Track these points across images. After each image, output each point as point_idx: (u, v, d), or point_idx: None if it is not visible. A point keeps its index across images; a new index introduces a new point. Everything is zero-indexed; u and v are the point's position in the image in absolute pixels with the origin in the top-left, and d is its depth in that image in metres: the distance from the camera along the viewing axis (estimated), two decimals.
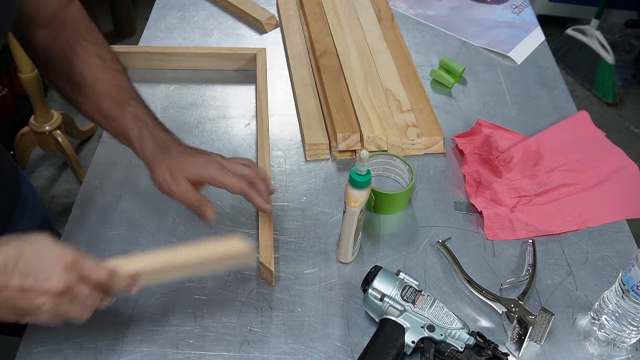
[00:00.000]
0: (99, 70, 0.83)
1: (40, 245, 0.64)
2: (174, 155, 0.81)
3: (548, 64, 1.33)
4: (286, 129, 1.13)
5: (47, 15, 0.83)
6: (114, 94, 0.82)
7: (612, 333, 0.83)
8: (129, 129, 0.81)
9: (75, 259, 0.65)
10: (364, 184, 0.81)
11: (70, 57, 0.83)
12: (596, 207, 1.01)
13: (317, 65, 1.22)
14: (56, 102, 2.59)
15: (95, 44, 0.85)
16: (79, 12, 0.87)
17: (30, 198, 0.99)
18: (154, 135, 0.82)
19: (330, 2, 1.38)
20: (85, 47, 0.84)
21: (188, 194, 0.79)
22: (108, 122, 0.83)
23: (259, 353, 0.80)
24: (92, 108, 0.83)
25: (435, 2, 1.50)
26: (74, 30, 0.84)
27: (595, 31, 2.74)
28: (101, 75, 0.83)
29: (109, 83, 0.83)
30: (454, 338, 0.78)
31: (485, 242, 0.96)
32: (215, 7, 1.43)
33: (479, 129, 1.12)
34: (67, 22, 0.84)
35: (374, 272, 0.81)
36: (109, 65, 0.85)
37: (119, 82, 0.84)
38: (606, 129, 1.17)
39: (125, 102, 0.82)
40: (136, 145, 0.82)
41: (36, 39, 0.84)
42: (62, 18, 0.84)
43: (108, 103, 0.82)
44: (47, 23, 0.84)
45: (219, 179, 0.80)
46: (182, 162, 0.80)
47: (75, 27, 0.85)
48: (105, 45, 0.87)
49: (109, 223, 0.95)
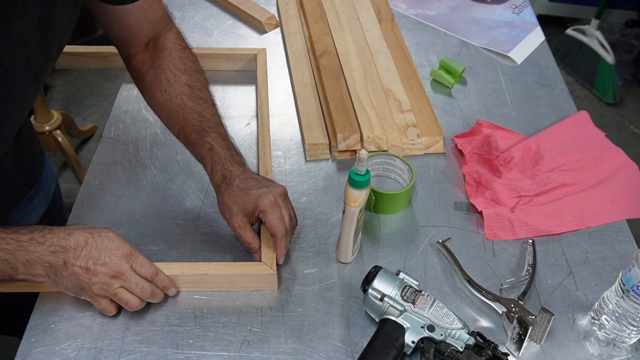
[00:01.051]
0: (185, 97, 0.91)
1: (106, 236, 0.78)
2: (234, 190, 0.86)
3: (548, 64, 1.33)
4: (286, 129, 1.13)
5: (143, 42, 0.92)
6: (196, 122, 0.90)
7: (612, 333, 0.83)
8: (204, 158, 0.89)
9: (131, 252, 0.79)
10: (364, 184, 0.81)
11: (162, 82, 0.91)
12: (596, 207, 1.01)
13: (317, 65, 1.22)
14: (56, 102, 2.59)
15: (187, 72, 0.92)
16: (177, 40, 0.94)
17: (48, 181, 1.05)
18: (223, 168, 0.88)
19: (330, 2, 1.38)
20: (177, 75, 0.91)
21: (241, 230, 0.86)
22: (188, 145, 0.92)
23: (259, 353, 0.80)
24: (177, 130, 0.92)
25: (435, 2, 1.50)
26: (168, 59, 0.92)
27: (595, 31, 2.74)
28: (188, 102, 0.90)
29: (193, 110, 0.90)
30: (454, 338, 0.78)
31: (485, 242, 0.96)
32: (215, 7, 1.43)
33: (478, 129, 1.12)
34: (164, 49, 0.92)
35: (374, 272, 0.81)
36: (196, 93, 0.92)
37: (202, 111, 0.91)
38: (606, 129, 1.17)
39: (204, 132, 0.89)
40: (208, 174, 0.90)
41: (135, 61, 0.93)
42: (159, 46, 0.92)
43: (190, 130, 0.90)
44: (145, 48, 0.93)
45: (267, 214, 0.85)
46: (240, 197, 0.86)
47: (170, 55, 0.92)
48: (197, 73, 0.94)
49: (109, 223, 0.95)
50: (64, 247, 0.75)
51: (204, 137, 0.88)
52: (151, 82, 0.92)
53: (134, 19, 0.88)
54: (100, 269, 0.76)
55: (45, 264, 0.75)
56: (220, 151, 0.88)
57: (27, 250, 0.74)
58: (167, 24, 0.94)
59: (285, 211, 0.86)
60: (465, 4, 1.50)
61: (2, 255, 0.73)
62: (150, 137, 1.10)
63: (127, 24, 0.88)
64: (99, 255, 0.76)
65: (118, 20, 0.87)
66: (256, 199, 0.85)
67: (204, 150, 0.88)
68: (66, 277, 0.76)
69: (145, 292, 0.80)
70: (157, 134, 1.10)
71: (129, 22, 0.88)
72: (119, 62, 1.21)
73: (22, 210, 0.97)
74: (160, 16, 0.92)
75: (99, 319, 0.82)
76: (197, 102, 0.91)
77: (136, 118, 1.13)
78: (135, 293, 0.79)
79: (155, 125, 1.12)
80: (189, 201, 0.99)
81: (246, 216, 0.86)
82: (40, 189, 1.02)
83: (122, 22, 0.88)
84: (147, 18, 0.89)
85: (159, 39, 0.93)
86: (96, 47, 1.21)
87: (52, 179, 1.08)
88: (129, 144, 1.08)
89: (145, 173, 1.03)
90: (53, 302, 0.83)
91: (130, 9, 0.86)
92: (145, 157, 1.06)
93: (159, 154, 1.07)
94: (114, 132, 1.10)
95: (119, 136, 1.09)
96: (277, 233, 0.85)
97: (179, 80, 0.91)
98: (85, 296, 0.79)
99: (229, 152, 0.89)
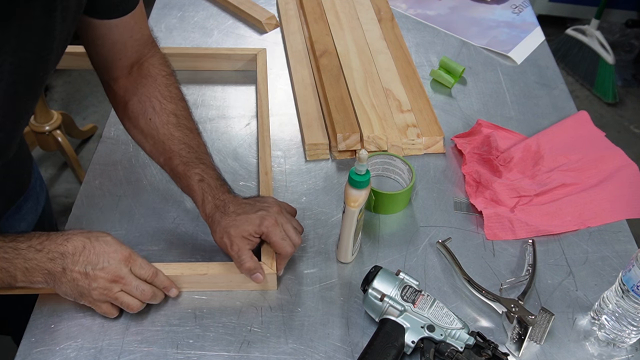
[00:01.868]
0: (172, 127, 0.88)
1: (104, 240, 0.78)
2: (231, 215, 0.84)
3: (548, 64, 1.33)
4: (286, 129, 1.13)
5: (127, 65, 0.89)
6: (184, 153, 0.87)
7: (612, 333, 0.83)
8: (193, 190, 0.86)
9: (129, 255, 0.79)
10: (363, 184, 0.81)
11: (147, 111, 0.88)
12: (596, 207, 1.01)
13: (317, 65, 1.22)
14: (56, 102, 2.59)
15: (172, 100, 0.90)
16: (161, 65, 0.92)
17: (37, 188, 1.03)
18: (215, 198, 0.85)
19: (330, 2, 1.38)
20: (163, 103, 0.89)
21: (243, 255, 0.83)
22: (175, 177, 0.89)
23: (259, 353, 0.80)
24: (162, 160, 0.89)
25: (435, 2, 1.50)
26: (153, 85, 0.89)
27: (595, 31, 2.74)
28: (174, 132, 0.88)
29: (180, 141, 0.88)
30: (454, 338, 0.78)
31: (485, 242, 0.96)
32: (215, 7, 1.43)
33: (478, 129, 1.12)
34: (149, 75, 0.90)
35: (374, 272, 0.81)
36: (183, 123, 0.89)
37: (189, 141, 0.89)
38: (606, 129, 1.17)
39: (192, 163, 0.87)
40: (199, 206, 0.87)
41: (117, 86, 0.90)
42: (144, 71, 0.90)
43: (177, 160, 0.87)
44: (128, 72, 0.89)
45: (270, 236, 0.83)
46: (238, 221, 0.83)
47: (155, 82, 0.89)
48: (182, 100, 0.91)
49: (109, 223, 0.95)
50: (62, 253, 0.75)
51: (193, 168, 0.86)
52: (134, 109, 0.89)
53: (118, 36, 0.85)
54: (99, 274, 0.76)
55: (43, 270, 0.75)
56: (211, 182, 0.86)
57: (25, 258, 0.74)
58: (151, 47, 0.92)
59: (288, 227, 0.85)
60: (465, 4, 1.50)
61: (0, 265, 0.73)
62: None
63: (111, 41, 0.85)
64: (97, 260, 0.76)
65: (102, 37, 0.84)
66: (258, 222, 0.83)
67: (193, 182, 0.86)
68: (65, 283, 0.76)
69: (146, 295, 0.80)
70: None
71: (113, 39, 0.85)
72: None
73: (11, 219, 0.95)
74: (145, 37, 0.90)
75: (99, 319, 0.82)
76: (183, 132, 0.89)
77: None
78: (136, 296, 0.79)
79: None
80: (189, 201, 0.99)
81: (247, 239, 0.83)
82: (29, 197, 0.99)
83: (106, 39, 0.84)
84: (133, 37, 0.87)
85: (143, 64, 0.90)
86: None
87: (41, 185, 1.06)
88: (129, 144, 1.08)
89: (145, 173, 1.03)
90: (53, 302, 0.83)
91: (116, 24, 0.83)
92: (145, 157, 1.05)
93: None
94: (114, 132, 1.10)
95: (119, 136, 1.09)
96: (283, 252, 0.84)
97: (165, 108, 0.89)
98: (85, 301, 0.79)
99: (219, 182, 0.87)
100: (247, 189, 1.01)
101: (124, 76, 0.90)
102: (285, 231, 0.84)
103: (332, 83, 1.17)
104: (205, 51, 1.24)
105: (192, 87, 1.20)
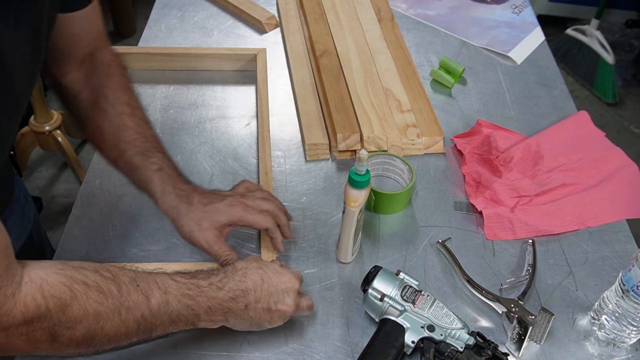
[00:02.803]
0: (126, 117, 0.85)
1: (274, 270, 0.77)
2: (197, 206, 0.82)
3: (548, 64, 1.33)
4: (286, 129, 1.13)
5: (79, 57, 0.85)
6: (139, 143, 0.84)
7: (612, 333, 0.83)
8: (150, 180, 0.83)
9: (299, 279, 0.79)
10: (363, 184, 0.81)
11: (99, 100, 0.84)
12: (596, 207, 1.01)
13: (317, 65, 1.22)
14: (56, 102, 2.58)
15: (126, 91, 0.87)
16: (113, 57, 0.89)
17: (21, 201, 0.99)
18: (175, 188, 0.83)
19: (330, 2, 1.38)
20: (116, 92, 0.85)
21: (216, 245, 0.82)
22: (130, 170, 0.84)
23: (259, 353, 0.80)
24: (115, 153, 0.85)
25: (435, 2, 1.50)
26: (106, 75, 0.86)
27: (595, 31, 2.74)
28: (128, 122, 0.84)
29: (134, 131, 0.84)
30: (454, 338, 0.78)
31: (485, 242, 0.96)
32: (215, 7, 1.43)
33: (478, 129, 1.12)
34: (101, 65, 0.86)
35: (374, 272, 0.81)
36: (136, 113, 0.86)
37: (144, 131, 0.86)
38: (606, 129, 1.17)
39: (149, 152, 0.84)
40: (158, 197, 0.83)
41: (67, 79, 0.86)
42: (96, 61, 0.86)
43: (132, 151, 0.83)
44: (81, 63, 0.86)
45: (245, 218, 0.83)
46: (207, 212, 0.82)
47: (108, 71, 0.86)
48: (134, 93, 0.88)
49: (109, 223, 0.95)
50: (243, 291, 0.73)
51: (150, 157, 0.83)
52: (86, 99, 0.85)
53: (77, 29, 0.82)
54: (281, 308, 0.75)
55: (225, 309, 0.72)
56: (170, 171, 0.84)
57: (208, 297, 0.71)
58: (104, 41, 0.89)
59: (256, 203, 0.84)
60: (465, 4, 1.50)
61: (185, 302, 0.69)
62: None
63: (68, 34, 0.82)
64: (277, 295, 0.75)
65: (60, 29, 0.79)
66: (227, 210, 0.82)
67: (151, 172, 0.82)
68: (247, 319, 0.75)
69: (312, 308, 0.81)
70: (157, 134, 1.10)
71: (71, 32, 0.82)
72: None
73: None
74: (100, 29, 0.87)
75: None
76: (137, 122, 0.86)
77: None
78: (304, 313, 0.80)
79: (155, 126, 1.11)
80: None
81: (218, 230, 0.82)
82: (14, 210, 0.94)
83: (64, 32, 0.81)
84: (90, 29, 0.85)
85: (95, 55, 0.87)
86: None
87: (26, 196, 1.01)
88: None
89: None
90: None
91: (78, 16, 0.81)
92: None
93: None
94: None
95: None
96: (269, 226, 0.84)
97: (119, 98, 0.85)
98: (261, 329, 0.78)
99: (177, 172, 0.85)
100: None
101: (75, 70, 0.86)
102: (257, 207, 0.84)
103: (332, 83, 1.17)
104: (205, 51, 1.24)
105: (192, 87, 1.21)
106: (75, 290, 0.61)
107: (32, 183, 2.24)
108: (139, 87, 1.17)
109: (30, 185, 2.22)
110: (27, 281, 0.59)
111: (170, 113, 1.15)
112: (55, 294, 0.60)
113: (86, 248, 0.91)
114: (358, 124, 1.09)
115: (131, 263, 0.75)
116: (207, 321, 0.72)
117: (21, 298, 0.58)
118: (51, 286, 0.60)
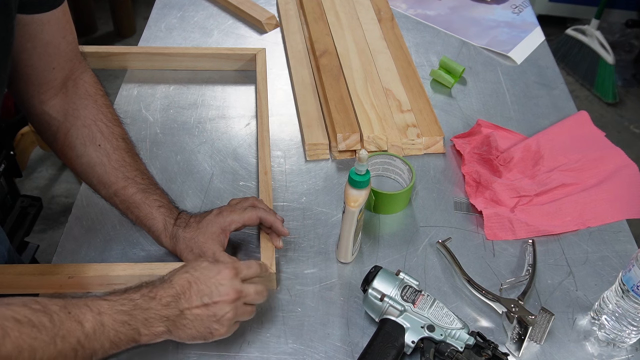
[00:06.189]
0: (124, 153, 0.85)
1: (203, 267, 0.74)
2: (192, 225, 0.85)
3: (548, 64, 1.33)
4: (286, 129, 1.13)
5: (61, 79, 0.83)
6: (139, 180, 0.85)
7: (612, 333, 0.83)
8: (153, 217, 0.85)
9: (233, 267, 0.75)
10: (363, 184, 0.81)
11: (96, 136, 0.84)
12: (596, 207, 1.01)
13: (317, 65, 1.22)
14: None
15: (117, 123, 0.87)
16: (97, 84, 0.87)
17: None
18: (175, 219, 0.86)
19: (330, 2, 1.38)
20: (110, 127, 0.85)
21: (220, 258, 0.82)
22: (130, 206, 0.85)
23: (259, 353, 0.80)
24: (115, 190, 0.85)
25: (435, 2, 1.50)
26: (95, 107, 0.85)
27: (595, 31, 2.74)
28: (126, 158, 0.85)
29: (133, 168, 0.86)
30: (454, 338, 0.78)
31: (485, 242, 0.96)
32: (215, 7, 1.43)
33: (478, 129, 1.12)
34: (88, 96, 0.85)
35: (374, 272, 0.81)
36: (130, 148, 0.87)
37: (140, 167, 0.87)
38: (606, 129, 1.17)
39: (149, 190, 0.86)
40: (160, 232, 0.86)
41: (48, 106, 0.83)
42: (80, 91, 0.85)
43: (134, 189, 0.85)
44: (60, 90, 0.83)
45: (236, 220, 0.85)
46: (202, 228, 0.85)
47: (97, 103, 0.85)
48: (123, 123, 0.88)
49: (109, 223, 0.95)
50: (173, 296, 0.71)
51: (151, 195, 0.85)
52: (80, 135, 0.83)
53: (51, 36, 0.78)
54: (218, 299, 0.72)
55: (163, 319, 0.70)
56: (169, 206, 0.87)
57: (142, 308, 0.69)
58: (82, 61, 0.86)
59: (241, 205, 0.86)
60: (465, 4, 1.50)
61: (121, 318, 0.68)
62: (150, 137, 1.10)
63: (44, 42, 0.78)
64: (209, 289, 0.72)
65: (33, 37, 0.76)
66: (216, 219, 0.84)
67: (153, 209, 0.85)
68: (188, 325, 0.72)
69: (264, 293, 0.78)
70: (157, 134, 1.10)
71: (46, 40, 0.78)
72: (119, 62, 1.22)
73: None
74: (75, 42, 0.84)
75: None
76: (134, 158, 0.86)
77: (136, 118, 1.13)
78: (256, 301, 0.77)
79: (155, 125, 1.12)
80: (189, 201, 0.99)
81: (216, 240, 0.84)
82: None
83: (38, 40, 0.77)
84: (65, 37, 0.80)
85: (78, 82, 0.85)
86: (95, 47, 1.21)
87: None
88: None
89: None
90: None
91: (48, 19, 0.76)
92: (145, 157, 1.05)
93: (159, 154, 1.07)
94: None
95: None
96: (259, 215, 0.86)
97: (114, 132, 0.85)
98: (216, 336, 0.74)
99: (173, 204, 0.88)
100: (247, 189, 1.01)
101: (57, 95, 0.83)
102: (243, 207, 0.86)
103: (332, 83, 1.17)
104: (205, 51, 1.24)
105: (192, 87, 1.21)
106: (6, 328, 0.58)
107: (32, 183, 2.24)
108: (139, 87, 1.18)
109: (30, 185, 2.22)
110: None
111: (170, 113, 1.15)
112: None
113: (86, 248, 0.91)
114: (358, 124, 1.09)
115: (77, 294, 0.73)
116: (148, 335, 0.70)
117: None
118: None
